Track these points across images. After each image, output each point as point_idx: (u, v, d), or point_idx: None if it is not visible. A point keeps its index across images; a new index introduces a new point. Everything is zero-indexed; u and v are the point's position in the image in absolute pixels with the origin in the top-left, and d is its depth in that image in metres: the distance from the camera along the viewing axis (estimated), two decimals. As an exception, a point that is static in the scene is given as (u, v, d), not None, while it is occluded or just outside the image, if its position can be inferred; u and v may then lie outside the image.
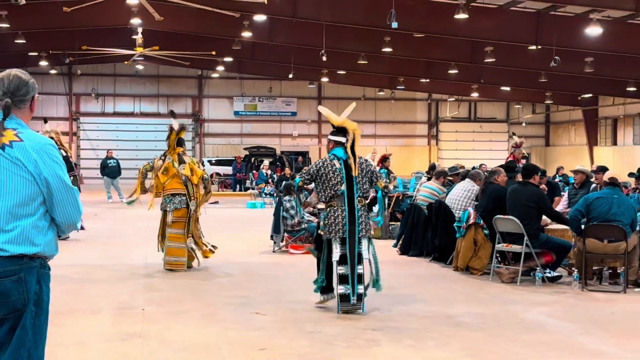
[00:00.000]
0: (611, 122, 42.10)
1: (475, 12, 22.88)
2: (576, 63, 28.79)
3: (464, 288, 9.69)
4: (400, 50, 28.17)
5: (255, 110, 43.72)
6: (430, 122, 46.88)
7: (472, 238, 10.82)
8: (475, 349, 6.51)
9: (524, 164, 13.76)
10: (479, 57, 28.80)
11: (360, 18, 23.73)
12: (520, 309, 8.27)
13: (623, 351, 6.49)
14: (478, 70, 32.79)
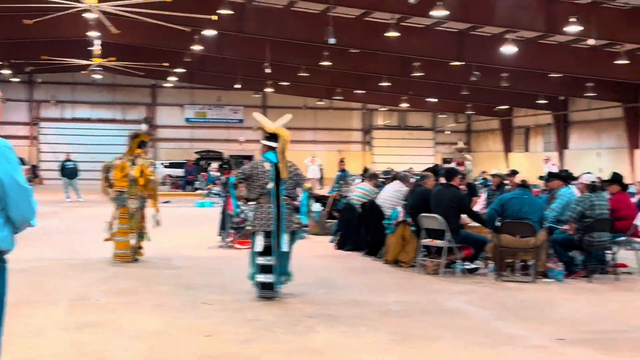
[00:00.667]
0: (524, 130, 42.95)
1: (405, 30, 23.12)
2: (494, 78, 29.34)
3: (393, 279, 9.76)
4: (338, 64, 28.28)
5: (205, 117, 43.48)
6: (364, 130, 47.15)
7: (400, 234, 10.93)
8: (402, 333, 6.57)
9: (448, 167, 13.92)
10: (408, 71, 29.09)
11: (301, 34, 23.78)
12: (443, 297, 8.36)
13: (532, 334, 6.61)
14: (407, 83, 33.14)
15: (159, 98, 43.36)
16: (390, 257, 10.96)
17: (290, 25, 23.43)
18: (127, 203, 10.54)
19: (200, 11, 18.98)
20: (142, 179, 10.56)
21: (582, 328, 6.86)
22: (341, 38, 21.54)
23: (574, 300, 8.27)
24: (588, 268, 9.90)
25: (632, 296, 8.66)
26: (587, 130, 37.46)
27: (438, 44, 24.96)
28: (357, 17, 23.49)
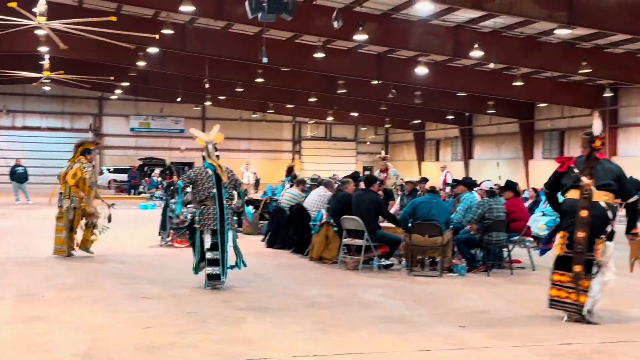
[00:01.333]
0: (435, 142, 43.79)
1: (330, 52, 23.32)
2: (408, 95, 29.85)
3: (317, 274, 9.78)
4: (270, 81, 28.31)
5: (149, 127, 42.82)
6: (294, 140, 47.24)
7: (324, 234, 10.97)
8: (324, 323, 6.58)
9: (367, 175, 14.03)
10: (333, 89, 29.34)
11: (237, 53, 23.68)
12: (361, 291, 8.42)
13: (438, 322, 6.71)
14: (332, 99, 33.39)
15: (105, 109, 42.48)
16: (315, 254, 10.99)
17: (227, 45, 23.33)
18: (62, 203, 10.58)
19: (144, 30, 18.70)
20: (73, 180, 10.51)
21: (481, 317, 7.01)
22: (273, 58, 21.54)
23: (474, 292, 8.44)
24: (487, 264, 10.16)
25: (524, 288, 8.90)
26: (488, 142, 38.46)
27: (359, 64, 25.25)
28: (288, 39, 23.55)
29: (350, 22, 17.96)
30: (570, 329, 6.48)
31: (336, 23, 15.29)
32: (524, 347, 5.76)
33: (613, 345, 5.86)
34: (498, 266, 10.47)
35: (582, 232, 6.65)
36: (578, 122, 31.61)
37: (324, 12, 18.04)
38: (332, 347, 5.67)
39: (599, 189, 6.73)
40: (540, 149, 34.47)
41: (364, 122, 44.36)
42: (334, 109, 37.43)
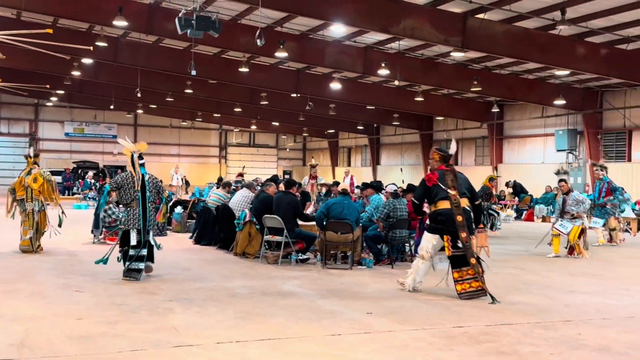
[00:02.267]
0: (347, 150, 44.28)
1: (253, 67, 23.21)
2: (324, 107, 30.06)
3: (240, 268, 9.71)
4: (199, 91, 27.90)
5: (83, 132, 41.29)
6: (220, 146, 46.68)
7: (247, 231, 10.91)
8: (246, 312, 6.54)
9: (287, 178, 14.04)
10: (256, 100, 29.20)
11: (168, 66, 23.18)
12: (280, 282, 8.42)
13: (348, 309, 6.78)
14: (256, 109, 33.22)
15: (41, 115, 40.68)
16: (239, 250, 10.92)
17: (158, 58, 22.83)
18: (26, 206, 10.33)
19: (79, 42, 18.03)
20: (37, 184, 10.36)
21: (386, 304, 7.13)
22: (201, 71, 21.25)
23: (380, 283, 8.58)
24: (391, 257, 10.35)
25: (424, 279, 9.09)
26: (393, 150, 39.21)
27: (280, 79, 25.25)
28: (215, 54, 23.28)
29: (272, 41, 17.93)
30: (462, 313, 6.68)
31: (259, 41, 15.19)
32: (423, 330, 5.89)
33: (498, 327, 6.08)
34: (401, 259, 10.69)
35: (464, 232, 7.40)
36: (470, 133, 32.69)
37: (248, 30, 17.93)
38: (253, 334, 5.63)
39: (460, 197, 7.55)
40: (438, 157, 35.39)
41: (284, 130, 44.36)
42: (257, 118, 37.26)
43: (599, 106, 25.32)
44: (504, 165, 30.34)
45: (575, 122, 26.58)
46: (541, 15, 15.97)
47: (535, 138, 28.92)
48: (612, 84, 23.77)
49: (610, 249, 13.74)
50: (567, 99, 23.92)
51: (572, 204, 11.56)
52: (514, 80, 23.84)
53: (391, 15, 15.68)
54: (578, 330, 5.99)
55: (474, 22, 16.34)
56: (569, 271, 10.12)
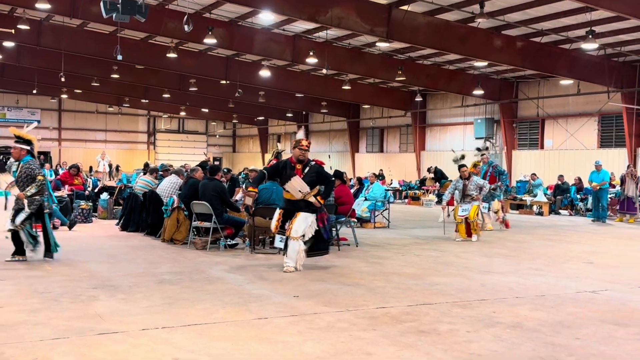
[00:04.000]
0: (276, 137, 44.10)
1: (182, 53, 22.71)
2: (253, 95, 29.80)
3: (168, 254, 9.52)
4: (126, 77, 27.05)
5: (5, 117, 39.27)
6: (149, 132, 45.56)
7: (175, 217, 10.72)
8: (173, 298, 6.41)
9: (212, 164, 13.74)
10: (185, 86, 28.61)
11: (93, 50, 22.32)
12: (208, 268, 8.30)
13: (275, 293, 6.75)
14: (185, 95, 32.54)
15: (-41, 99, 38.46)
16: (167, 236, 10.71)
17: (83, 42, 21.94)
18: None
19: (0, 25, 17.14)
20: None
21: (311, 287, 7.15)
22: (128, 55, 20.63)
23: (307, 266, 8.57)
24: (318, 241, 10.38)
25: (349, 261, 9.20)
26: (322, 137, 39.37)
27: (209, 65, 24.82)
28: (142, 39, 22.62)
29: (201, 27, 17.59)
30: (385, 295, 6.79)
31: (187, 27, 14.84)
32: (347, 312, 5.94)
33: (418, 307, 6.21)
34: (328, 243, 10.74)
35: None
36: (395, 121, 33.21)
37: (176, 16, 17.50)
38: (180, 319, 5.52)
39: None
40: (365, 144, 35.84)
41: (214, 117, 43.71)
42: (186, 104, 36.52)
43: (515, 96, 26.25)
44: (427, 152, 31.03)
45: (492, 111, 27.46)
46: (461, 8, 16.34)
47: (455, 126, 29.70)
48: (526, 75, 24.68)
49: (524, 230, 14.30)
50: (485, 89, 24.67)
51: (473, 189, 11.94)
52: (436, 71, 24.35)
53: (319, 4, 15.66)
54: (493, 309, 6.20)
55: (398, 13, 16.54)
56: (485, 253, 10.46)
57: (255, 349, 4.71)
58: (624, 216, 17.78)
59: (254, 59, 24.49)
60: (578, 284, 7.66)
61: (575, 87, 23.11)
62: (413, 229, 14.39)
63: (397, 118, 32.64)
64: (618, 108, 22.03)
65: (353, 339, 5.00)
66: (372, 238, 12.13)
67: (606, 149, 23.26)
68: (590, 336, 5.25)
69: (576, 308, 6.31)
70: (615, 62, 21.00)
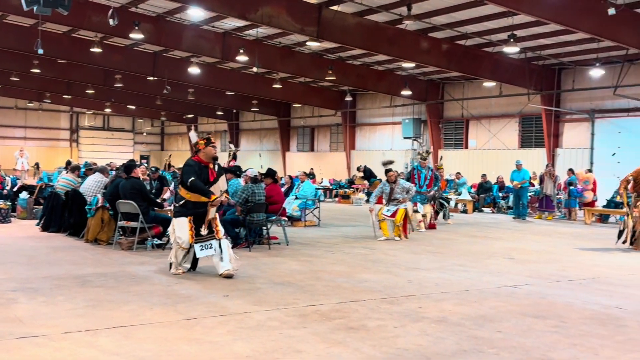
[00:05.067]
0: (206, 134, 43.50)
1: (107, 48, 22.06)
2: (182, 92, 29.30)
3: (92, 255, 9.22)
4: (47, 71, 25.97)
5: None
6: (72, 129, 43.98)
7: (99, 217, 10.41)
8: (97, 300, 6.22)
9: (126, 163, 13.17)
10: (110, 82, 27.78)
11: (12, 43, 21.29)
12: (134, 268, 8.10)
13: (204, 293, 6.66)
14: (110, 91, 31.62)
15: None
16: (91, 236, 10.39)
17: (1, 35, 20.87)
18: None
19: None
20: None
21: (241, 286, 7.11)
22: (50, 49, 19.81)
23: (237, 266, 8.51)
24: (249, 240, 10.36)
25: (279, 260, 9.20)
26: (252, 136, 39.18)
27: (136, 61, 24.19)
28: (65, 33, 21.79)
29: (127, 21, 17.13)
30: (315, 293, 6.83)
31: (112, 21, 14.43)
32: (277, 310, 5.94)
33: (347, 304, 6.29)
34: (258, 242, 10.73)
35: None
36: (325, 120, 33.44)
37: (101, 9, 16.98)
38: (104, 321, 5.37)
39: None
40: (295, 143, 35.91)
41: (141, 114, 42.65)
42: (112, 101, 35.47)
43: (441, 97, 26.96)
44: (356, 151, 31.41)
45: (420, 112, 28.09)
46: (389, 10, 16.62)
47: (384, 126, 30.21)
48: (451, 77, 25.40)
49: (449, 228, 14.73)
50: (413, 90, 25.21)
51: (400, 192, 12.21)
52: (366, 71, 24.69)
53: (249, 2, 15.56)
54: (419, 304, 6.35)
55: (328, 13, 16.66)
56: (412, 250, 10.71)
57: (184, 350, 4.64)
58: (543, 213, 18.60)
59: (183, 56, 24.07)
60: (500, 279, 7.96)
61: (497, 89, 23.96)
62: (343, 227, 14.55)
63: (328, 117, 32.88)
64: (538, 110, 23.01)
65: (283, 337, 5.01)
66: (302, 236, 12.18)
67: (526, 149, 24.24)
68: (511, 329, 5.47)
69: (498, 302, 6.55)
70: (535, 66, 21.93)
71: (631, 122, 21.07)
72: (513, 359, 4.59)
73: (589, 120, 22.21)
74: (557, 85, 22.67)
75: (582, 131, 22.61)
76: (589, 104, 22.17)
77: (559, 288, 7.48)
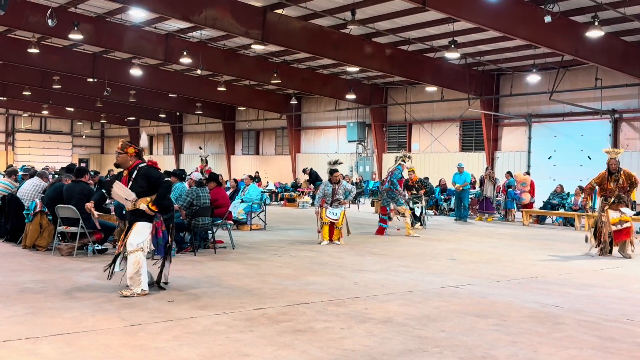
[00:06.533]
0: (149, 138, 42.80)
1: (45, 48, 21.44)
2: (124, 94, 28.74)
3: (30, 261, 8.93)
4: (-19, 72, 25.05)
5: None
6: (7, 132, 42.43)
7: (38, 222, 10.10)
8: (37, 307, 6.03)
9: (78, 167, 12.90)
10: (48, 83, 26.99)
11: (-57, 42, 20.46)
12: (75, 275, 7.89)
13: (148, 299, 6.53)
14: (48, 93, 30.71)
15: None
16: (29, 242, 10.06)
17: None
18: None
19: None
20: None
21: (188, 291, 7.03)
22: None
23: (182, 270, 8.42)
24: (194, 245, 10.24)
25: (225, 264, 9.14)
26: (196, 139, 38.73)
27: (75, 62, 23.59)
28: (1, 33, 21.05)
29: (66, 22, 16.70)
30: (262, 296, 6.82)
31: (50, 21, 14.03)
32: (224, 315, 5.91)
33: (295, 307, 6.31)
34: (204, 247, 10.62)
35: None
36: (270, 124, 33.41)
37: (39, 9, 16.49)
38: (45, 329, 5.21)
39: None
40: (240, 146, 35.71)
41: (80, 116, 41.55)
42: (50, 103, 34.43)
43: (384, 101, 27.36)
44: (302, 154, 31.49)
45: (364, 116, 28.43)
46: (334, 14, 16.79)
47: (329, 129, 30.42)
48: (395, 82, 25.81)
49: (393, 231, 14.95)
50: (357, 94, 25.50)
51: (342, 193, 12.31)
52: (311, 75, 24.82)
53: (193, 4, 15.42)
54: (365, 306, 6.43)
55: (273, 16, 16.68)
56: (358, 252, 10.82)
57: (128, 357, 4.56)
58: (483, 215, 19.11)
59: (124, 57, 23.61)
60: (442, 280, 8.14)
61: (439, 93, 24.51)
62: (289, 231, 14.56)
63: (273, 120, 32.86)
64: (477, 114, 23.65)
65: (230, 341, 4.98)
66: (248, 240, 12.13)
67: (467, 152, 24.87)
68: (454, 328, 5.61)
69: (441, 302, 6.70)
70: (475, 71, 22.54)
71: (566, 126, 21.93)
72: (456, 357, 4.71)
73: (526, 124, 22.98)
74: (496, 90, 23.37)
75: (520, 135, 23.37)
76: (526, 109, 22.94)
77: (499, 287, 7.71)
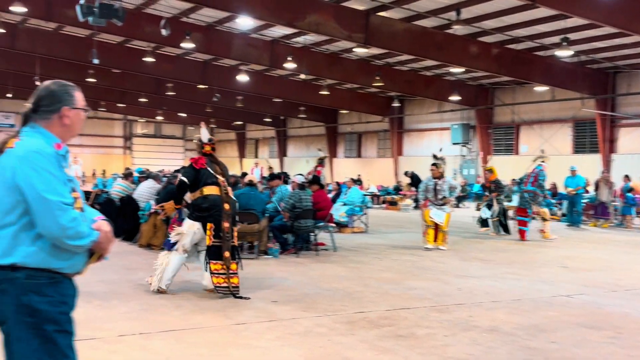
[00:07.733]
0: (254, 142, 44.07)
1: (159, 57, 22.60)
2: (231, 99, 29.74)
3: (145, 259, 9.39)
4: (102, 81, 26.78)
5: (-21, 121, 38.73)
6: (125, 137, 45.18)
7: (152, 222, 10.63)
8: (150, 304, 6.34)
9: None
10: (162, 90, 28.45)
11: (68, 54, 22.10)
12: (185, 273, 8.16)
13: (253, 299, 6.69)
14: (162, 100, 32.37)
15: None
16: (144, 241, 10.62)
17: (58, 46, 21.71)
18: None
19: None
20: None
21: (290, 292, 7.14)
22: (104, 59, 20.46)
23: (285, 272, 8.58)
24: (297, 247, 10.41)
25: (327, 266, 9.20)
26: (299, 142, 39.38)
27: (186, 69, 24.72)
28: (119, 43, 22.45)
29: (178, 31, 17.52)
30: (363, 299, 6.80)
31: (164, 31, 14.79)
32: (325, 317, 5.94)
33: (396, 312, 6.24)
34: (306, 248, 10.75)
35: (227, 222, 6.74)
36: (372, 127, 33.37)
37: (153, 20, 17.41)
38: (157, 325, 5.48)
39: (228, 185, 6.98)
40: (343, 149, 35.92)
41: (191, 121, 43.45)
42: (163, 109, 36.30)
43: (490, 102, 26.55)
44: (404, 157, 31.20)
45: (469, 117, 27.72)
46: (438, 15, 16.50)
47: (432, 132, 29.92)
48: (501, 82, 24.98)
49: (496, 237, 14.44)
50: (462, 95, 24.91)
51: (446, 189, 11.71)
52: (413, 76, 24.53)
53: (297, 10, 15.69)
54: (470, 313, 6.25)
55: (376, 19, 16.64)
56: (462, 257, 10.55)
57: (234, 355, 4.69)
58: (598, 221, 18.05)
59: (232, 64, 24.44)
60: (553, 288, 7.76)
61: (549, 93, 23.44)
62: (391, 234, 14.46)
63: (375, 123, 32.80)
64: (592, 114, 22.40)
65: (331, 344, 5.00)
66: (350, 243, 12.16)
67: (580, 154, 23.61)
68: (566, 339, 5.32)
69: (551, 312, 6.39)
70: (589, 69, 21.37)
71: (692, 126, 20.27)
72: (567, 370, 4.47)
73: (646, 124, 21.48)
74: (612, 89, 22.02)
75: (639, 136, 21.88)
76: (646, 108, 21.45)
77: (615, 297, 7.25)
